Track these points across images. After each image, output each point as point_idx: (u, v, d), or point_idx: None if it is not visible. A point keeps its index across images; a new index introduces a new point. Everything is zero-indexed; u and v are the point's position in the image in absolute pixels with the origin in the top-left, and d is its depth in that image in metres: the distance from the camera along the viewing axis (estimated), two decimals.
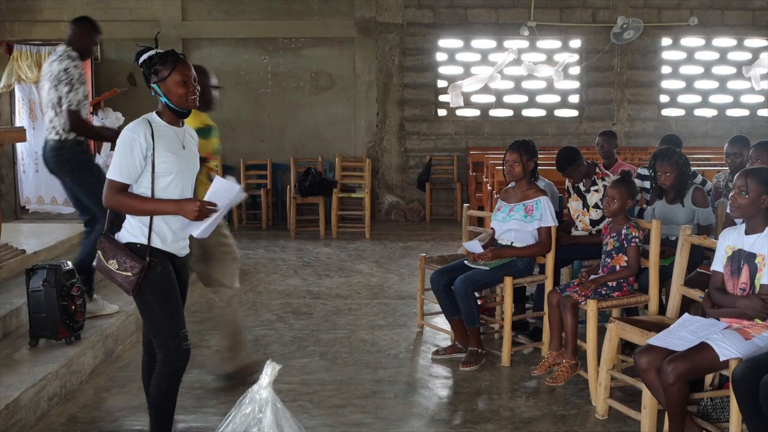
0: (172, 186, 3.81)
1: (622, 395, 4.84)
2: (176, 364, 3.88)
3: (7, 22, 12.11)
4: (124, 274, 3.74)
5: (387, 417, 4.75)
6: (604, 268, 5.23)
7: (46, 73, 5.70)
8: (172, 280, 3.86)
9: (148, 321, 3.87)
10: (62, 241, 7.60)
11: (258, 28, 12.30)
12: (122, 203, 3.75)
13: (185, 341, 3.88)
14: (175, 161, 3.80)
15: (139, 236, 3.80)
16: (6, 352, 5.21)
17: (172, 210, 3.76)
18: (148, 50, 3.83)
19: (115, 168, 3.73)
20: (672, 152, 5.70)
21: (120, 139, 3.75)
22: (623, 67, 12.59)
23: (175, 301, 3.87)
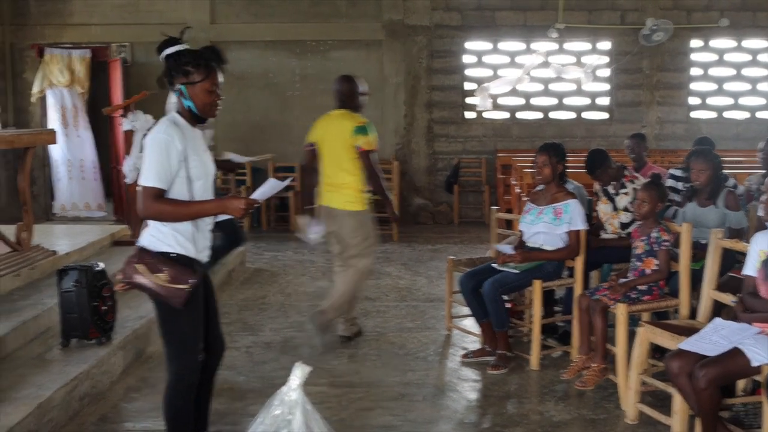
0: (202, 190, 3.64)
1: (652, 400, 4.80)
2: (191, 378, 3.75)
3: (38, 25, 12.24)
4: (176, 286, 3.52)
5: (415, 420, 4.75)
6: (634, 271, 5.19)
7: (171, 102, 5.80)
8: (200, 293, 3.71)
9: (171, 333, 3.70)
10: (93, 242, 7.66)
11: (286, 31, 12.34)
12: (164, 211, 3.52)
13: (200, 354, 3.76)
14: (202, 165, 3.64)
15: (174, 245, 3.59)
16: (38, 352, 5.27)
17: (216, 209, 3.59)
18: (174, 43, 3.64)
19: (151, 174, 3.48)
20: (709, 151, 5.70)
21: (152, 142, 3.54)
22: (653, 69, 12.51)
23: (199, 313, 3.72)
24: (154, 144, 3.53)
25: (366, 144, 5.96)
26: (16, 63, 12.32)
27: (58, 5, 12.25)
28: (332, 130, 6.05)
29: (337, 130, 6.02)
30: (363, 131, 5.93)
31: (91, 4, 12.24)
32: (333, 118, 6.12)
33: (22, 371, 4.89)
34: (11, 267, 6.28)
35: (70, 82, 11.76)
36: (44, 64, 11.81)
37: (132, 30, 12.20)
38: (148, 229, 3.66)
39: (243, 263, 8.91)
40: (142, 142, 8.14)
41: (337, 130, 6.02)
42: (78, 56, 11.84)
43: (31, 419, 4.25)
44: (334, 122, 6.09)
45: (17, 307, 5.76)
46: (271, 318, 6.70)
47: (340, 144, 5.98)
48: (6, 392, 4.53)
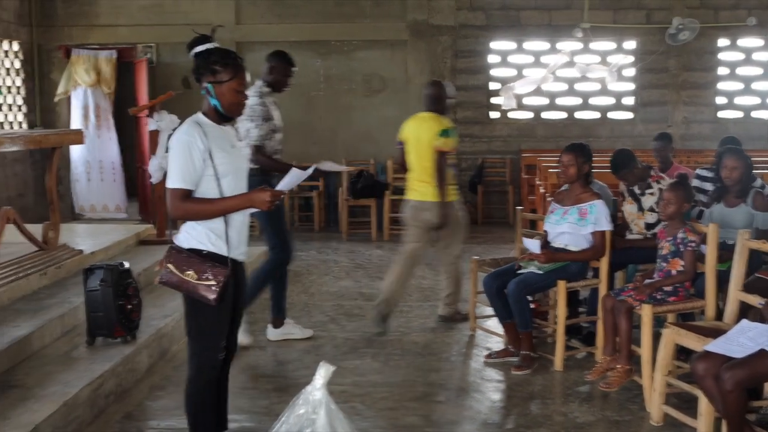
0: (231, 186, 3.67)
1: (677, 402, 4.76)
2: (210, 374, 3.79)
3: (65, 26, 12.34)
4: (206, 284, 3.56)
5: (439, 420, 4.74)
6: (660, 272, 5.16)
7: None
8: (231, 290, 3.73)
9: (195, 328, 3.74)
10: (119, 241, 7.72)
11: (310, 32, 12.36)
12: (191, 210, 3.60)
13: (222, 352, 3.80)
14: (229, 161, 3.67)
15: (206, 243, 3.65)
16: (64, 350, 5.32)
17: (243, 204, 3.63)
18: (205, 41, 3.68)
19: (176, 175, 3.57)
20: (741, 149, 5.69)
21: (175, 144, 3.61)
22: (679, 69, 12.41)
23: (226, 312, 3.75)
24: (176, 146, 3.60)
25: (444, 145, 6.45)
26: (43, 64, 12.43)
27: (85, 7, 12.35)
28: (419, 131, 6.57)
29: (423, 131, 6.53)
30: (446, 134, 6.47)
31: (117, 5, 12.33)
32: (421, 120, 6.66)
33: (49, 369, 4.94)
34: (38, 266, 6.34)
35: (96, 82, 11.85)
36: (71, 64, 11.91)
37: (157, 31, 12.27)
38: (183, 227, 3.74)
39: None
40: (168, 142, 8.23)
41: (423, 131, 6.53)
42: (104, 57, 11.92)
43: (58, 416, 4.29)
44: (421, 124, 6.61)
45: (44, 305, 5.81)
46: (295, 317, 6.71)
47: (426, 144, 6.47)
48: (33, 389, 4.58)
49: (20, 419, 4.16)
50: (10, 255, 6.27)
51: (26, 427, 4.06)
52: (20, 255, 6.37)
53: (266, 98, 6.00)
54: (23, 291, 6.02)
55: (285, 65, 6.18)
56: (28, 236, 6.50)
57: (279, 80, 6.14)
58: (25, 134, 6.49)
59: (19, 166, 11.64)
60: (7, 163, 11.28)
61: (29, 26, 12.17)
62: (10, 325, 5.31)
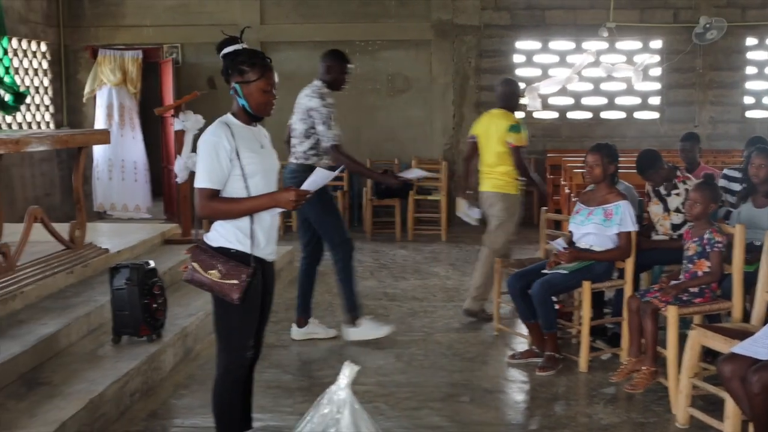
0: (261, 186, 3.71)
1: (703, 404, 4.72)
2: (237, 372, 3.85)
3: (92, 27, 12.43)
4: (229, 282, 3.61)
5: (462, 420, 4.73)
6: (686, 273, 5.12)
7: (300, 101, 6.17)
8: (257, 290, 3.78)
9: (223, 327, 3.80)
10: (144, 240, 7.77)
11: (335, 31, 12.37)
12: (217, 209, 3.66)
13: (250, 351, 3.86)
14: (258, 160, 3.72)
15: (233, 242, 3.70)
16: (90, 348, 5.36)
17: (268, 203, 3.66)
18: (233, 42, 3.72)
19: (204, 175, 3.63)
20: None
21: (203, 144, 3.66)
22: (706, 68, 12.31)
23: (254, 311, 3.80)
24: (203, 146, 3.66)
25: (517, 140, 6.80)
26: (70, 64, 12.53)
27: (112, 7, 12.43)
28: (491, 127, 6.94)
29: (495, 127, 6.90)
30: (516, 129, 6.82)
31: (143, 6, 12.40)
32: (493, 116, 7.03)
33: (75, 367, 4.98)
34: (65, 264, 6.40)
35: (122, 82, 11.92)
36: (97, 64, 12.00)
37: (183, 31, 12.34)
38: (213, 226, 3.79)
39: (291, 262, 8.96)
40: (194, 143, 8.28)
41: (495, 127, 6.90)
42: (130, 57, 12.00)
43: (84, 414, 4.33)
44: (493, 119, 6.97)
45: (70, 303, 5.86)
46: (319, 317, 6.72)
47: (496, 139, 6.84)
48: (59, 387, 4.62)
49: (47, 416, 4.20)
50: (37, 254, 6.33)
51: (53, 424, 4.10)
52: (47, 254, 6.43)
53: (327, 99, 6.06)
54: (50, 289, 6.07)
55: (341, 63, 6.23)
56: (55, 235, 6.56)
57: (337, 78, 6.21)
58: (52, 134, 6.54)
59: (46, 166, 11.75)
60: (34, 163, 11.39)
61: (57, 27, 12.28)
62: (38, 323, 5.36)
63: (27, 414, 4.24)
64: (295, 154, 6.09)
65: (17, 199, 10.81)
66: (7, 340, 4.99)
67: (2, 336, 5.07)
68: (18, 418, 4.20)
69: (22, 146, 5.90)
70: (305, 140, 6.01)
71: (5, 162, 6.69)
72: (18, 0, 11.15)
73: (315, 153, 6.02)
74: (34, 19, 11.63)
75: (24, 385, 4.65)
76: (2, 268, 5.69)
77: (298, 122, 6.06)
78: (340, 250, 6.12)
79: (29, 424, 4.12)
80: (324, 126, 5.94)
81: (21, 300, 5.68)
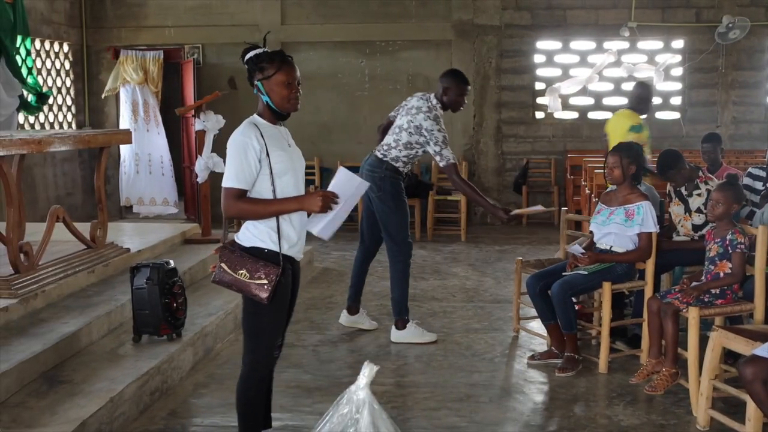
0: (290, 185, 3.74)
1: (724, 406, 4.69)
2: (263, 371, 3.88)
3: (114, 28, 12.51)
4: (258, 282, 3.63)
5: (481, 421, 4.72)
6: (707, 274, 5.08)
7: (411, 108, 6.15)
8: (287, 290, 3.80)
9: (252, 326, 3.80)
10: (165, 240, 7.81)
11: (355, 32, 12.39)
12: (244, 210, 3.68)
13: (277, 350, 3.89)
14: (287, 159, 3.75)
15: (267, 241, 3.72)
16: (110, 347, 5.39)
17: (295, 207, 3.69)
18: (256, 48, 3.77)
19: (231, 175, 3.64)
20: None
21: (231, 144, 3.69)
22: (728, 68, 12.22)
23: (283, 310, 3.84)
24: (232, 146, 3.70)
25: (636, 140, 6.66)
26: (92, 65, 12.62)
27: (134, 8, 12.51)
28: (616, 125, 7.53)
29: (619, 126, 7.45)
30: (637, 129, 7.31)
31: (165, 6, 12.47)
32: (619, 116, 7.70)
33: (96, 365, 5.01)
34: (86, 264, 6.44)
35: (144, 81, 11.99)
36: (119, 63, 12.07)
37: (204, 31, 12.40)
38: (244, 225, 3.81)
39: (311, 262, 8.98)
40: (213, 143, 8.31)
41: (619, 126, 7.45)
42: (151, 57, 12.07)
43: (104, 412, 4.35)
44: (619, 119, 7.60)
45: (91, 302, 5.90)
46: (338, 317, 6.73)
47: (619, 137, 6.97)
48: (80, 385, 4.65)
49: (68, 414, 4.23)
50: (59, 253, 6.38)
51: (74, 422, 4.13)
52: (69, 253, 6.47)
53: (441, 121, 6.08)
54: (72, 288, 6.12)
55: (460, 85, 6.19)
56: (77, 234, 6.61)
57: (454, 100, 6.19)
58: (74, 134, 6.58)
59: (68, 166, 11.83)
60: (56, 163, 11.47)
61: (79, 28, 12.37)
62: (59, 322, 5.40)
63: (48, 412, 4.28)
64: (382, 150, 6.19)
65: (39, 198, 10.89)
66: (29, 339, 5.04)
67: (24, 334, 5.12)
68: (39, 415, 4.24)
69: (44, 146, 5.94)
70: (403, 149, 6.09)
71: (28, 162, 6.76)
72: (41, 1, 11.24)
73: (405, 163, 6.15)
74: (57, 20, 11.72)
75: (45, 383, 4.69)
76: (24, 267, 5.74)
77: (404, 129, 6.09)
78: (401, 250, 6.18)
79: (50, 422, 4.15)
80: (438, 147, 5.97)
81: (43, 299, 5.73)
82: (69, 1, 12.07)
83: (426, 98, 6.15)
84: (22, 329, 5.21)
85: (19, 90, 9.62)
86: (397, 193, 6.14)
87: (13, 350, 4.81)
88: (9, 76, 9.34)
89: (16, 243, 5.68)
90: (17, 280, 5.61)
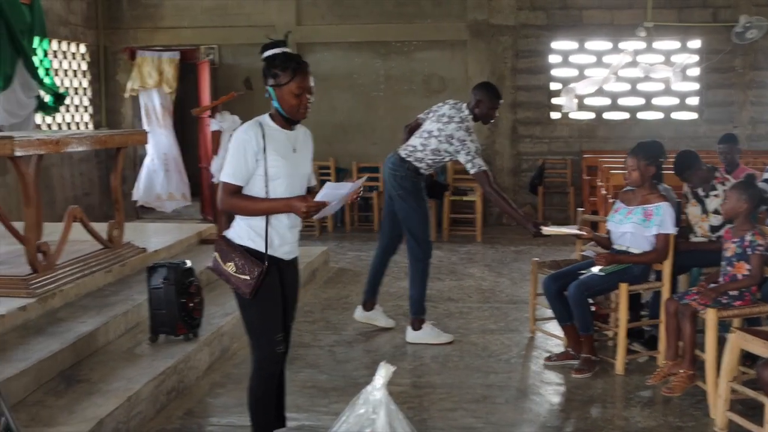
0: (281, 189, 3.78)
1: (742, 408, 4.66)
2: (270, 368, 3.91)
3: (131, 29, 12.57)
4: (242, 277, 3.75)
5: (498, 422, 4.72)
6: (725, 276, 5.05)
7: (442, 115, 6.20)
8: (275, 286, 3.86)
9: (247, 323, 3.92)
10: (181, 240, 7.83)
11: (371, 32, 12.39)
12: (236, 205, 3.76)
13: (279, 345, 3.89)
14: (284, 165, 3.78)
15: (244, 239, 3.82)
16: (127, 347, 5.41)
17: (283, 208, 3.75)
18: (276, 46, 3.78)
19: (229, 171, 3.75)
20: None
21: (233, 141, 3.78)
22: (746, 68, 12.15)
23: (273, 306, 3.87)
24: (233, 142, 3.80)
25: None
26: (109, 66, 12.67)
27: (150, 9, 12.56)
28: None
29: None
30: None
31: (181, 7, 12.51)
32: None
33: (113, 364, 5.03)
34: (103, 263, 6.47)
35: (158, 83, 12.03)
36: (137, 66, 12.11)
37: (220, 32, 12.43)
38: (233, 223, 3.92)
39: (326, 263, 8.99)
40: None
41: None
42: (167, 58, 12.10)
43: (121, 411, 4.37)
44: None
45: (108, 302, 5.93)
46: (354, 318, 6.73)
47: None
48: (97, 384, 4.68)
49: (85, 413, 4.25)
50: (76, 252, 6.41)
51: (91, 421, 4.15)
52: (86, 253, 6.50)
53: (472, 132, 6.18)
54: (89, 288, 6.15)
55: (493, 99, 6.24)
56: (94, 234, 6.64)
57: (486, 113, 6.27)
58: (91, 135, 6.61)
59: (85, 166, 11.89)
60: (73, 163, 11.53)
61: (96, 29, 12.43)
62: (77, 321, 5.43)
63: (66, 411, 4.30)
64: (407, 150, 6.23)
65: (57, 198, 10.96)
66: (47, 338, 5.07)
67: (42, 333, 5.15)
68: (57, 414, 4.26)
69: (62, 147, 5.97)
70: (430, 153, 6.14)
71: (46, 162, 6.79)
72: (58, 2, 11.30)
73: (429, 166, 6.21)
74: (74, 22, 11.78)
75: (63, 382, 4.72)
76: (42, 266, 5.77)
77: (433, 135, 6.13)
78: (422, 249, 6.22)
79: (68, 421, 4.18)
80: (470, 156, 6.05)
81: (60, 298, 5.76)
82: (86, 3, 12.14)
83: (458, 108, 6.18)
84: (40, 328, 5.24)
85: (37, 91, 9.67)
86: (417, 191, 6.19)
87: (32, 349, 4.84)
88: (26, 77, 9.39)
89: (34, 243, 5.71)
90: (35, 279, 5.65)
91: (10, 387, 4.30)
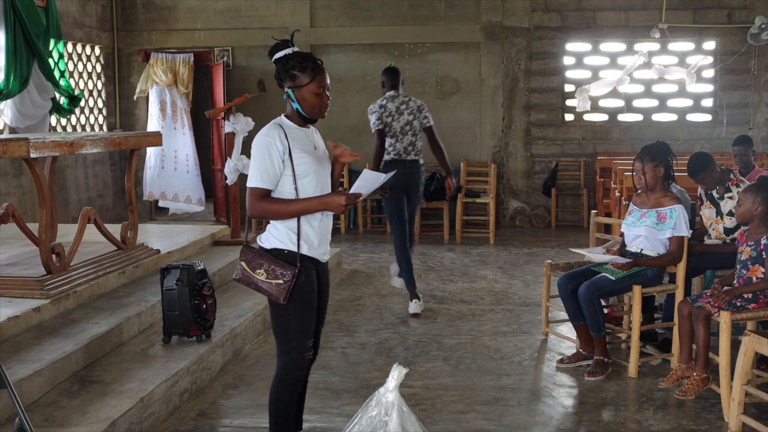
0: (312, 186, 3.75)
1: (756, 412, 4.64)
2: (296, 374, 3.87)
3: (145, 31, 12.63)
4: (274, 282, 3.67)
5: (510, 425, 4.71)
6: (740, 278, 5.03)
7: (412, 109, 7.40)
8: (313, 290, 3.81)
9: (279, 328, 3.82)
10: (194, 241, 7.85)
11: (384, 34, 12.40)
12: (267, 209, 3.70)
13: (309, 352, 3.86)
14: (311, 161, 3.76)
15: (286, 242, 3.75)
16: (141, 348, 5.43)
17: (318, 206, 3.69)
18: (284, 46, 3.77)
19: (255, 175, 3.68)
20: None
21: (256, 145, 3.71)
22: (761, 69, 12.08)
23: (310, 311, 3.82)
24: (257, 146, 3.72)
25: None
26: (123, 68, 12.73)
27: (164, 12, 12.61)
28: None
29: None
30: None
31: (195, 10, 12.55)
32: None
33: (126, 365, 5.05)
34: (117, 265, 6.49)
35: (173, 83, 12.06)
36: (149, 66, 12.15)
37: (234, 34, 12.47)
38: (268, 227, 3.85)
39: (339, 264, 8.99)
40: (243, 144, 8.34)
41: None
42: (181, 60, 12.14)
43: (134, 412, 4.39)
44: None
45: (122, 303, 5.95)
46: (367, 319, 6.74)
47: None
48: (110, 385, 4.69)
49: (98, 414, 4.27)
50: (90, 254, 6.44)
51: (104, 422, 4.17)
52: (100, 254, 6.53)
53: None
54: (102, 289, 6.17)
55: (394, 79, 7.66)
56: (108, 236, 6.66)
57: None
58: (105, 136, 6.64)
59: (99, 167, 11.94)
60: (87, 165, 11.58)
61: (110, 31, 12.49)
62: (90, 322, 5.45)
63: (79, 411, 4.32)
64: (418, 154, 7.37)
65: (71, 200, 11.01)
66: (61, 339, 5.09)
67: (56, 334, 5.17)
68: (71, 415, 4.28)
69: (76, 148, 6.00)
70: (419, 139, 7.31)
71: (60, 164, 6.83)
72: (73, 5, 11.36)
73: None
74: (88, 24, 11.84)
75: (77, 383, 4.74)
76: (56, 267, 5.80)
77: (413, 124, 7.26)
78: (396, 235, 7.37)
79: (81, 421, 4.19)
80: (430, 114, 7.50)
81: (74, 299, 5.78)
82: (101, 5, 12.19)
83: (407, 96, 7.51)
84: (54, 329, 5.27)
85: (52, 93, 9.74)
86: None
87: (45, 350, 4.87)
88: (42, 79, 9.46)
89: (49, 244, 5.75)
90: (49, 280, 5.68)
91: (24, 387, 4.33)
